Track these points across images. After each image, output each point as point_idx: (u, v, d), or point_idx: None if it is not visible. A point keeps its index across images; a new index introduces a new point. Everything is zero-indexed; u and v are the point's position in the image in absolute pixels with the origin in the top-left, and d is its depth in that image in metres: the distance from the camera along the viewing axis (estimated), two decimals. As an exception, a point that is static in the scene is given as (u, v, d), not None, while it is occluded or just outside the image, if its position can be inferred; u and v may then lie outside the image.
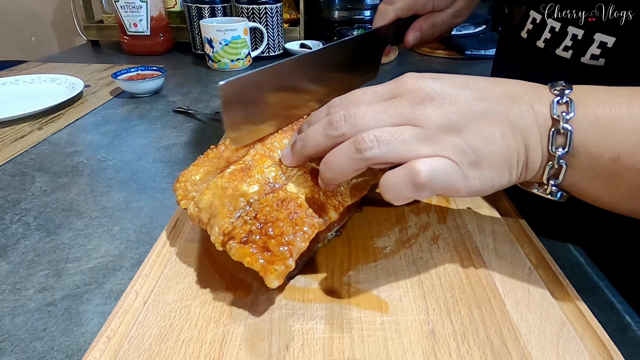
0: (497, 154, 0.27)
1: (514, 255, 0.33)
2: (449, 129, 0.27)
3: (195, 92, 0.79)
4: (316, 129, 0.29)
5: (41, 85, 0.78)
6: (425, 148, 0.26)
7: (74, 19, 1.44)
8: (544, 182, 0.29)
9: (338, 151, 0.28)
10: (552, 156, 0.28)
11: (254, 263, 0.27)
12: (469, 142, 0.27)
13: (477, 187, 0.28)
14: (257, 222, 0.28)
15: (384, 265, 0.33)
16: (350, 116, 0.28)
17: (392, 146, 0.26)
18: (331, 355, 0.26)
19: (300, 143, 0.30)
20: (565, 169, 0.28)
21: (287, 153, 0.32)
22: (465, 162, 0.27)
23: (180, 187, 0.33)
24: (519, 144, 0.28)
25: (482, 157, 0.27)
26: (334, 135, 0.28)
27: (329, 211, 0.30)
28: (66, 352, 0.28)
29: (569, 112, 0.27)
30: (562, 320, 0.28)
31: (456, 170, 0.27)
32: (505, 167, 0.28)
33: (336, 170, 0.28)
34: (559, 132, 0.27)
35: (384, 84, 0.30)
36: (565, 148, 0.27)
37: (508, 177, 0.29)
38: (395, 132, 0.27)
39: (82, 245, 0.38)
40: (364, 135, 0.26)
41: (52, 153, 0.56)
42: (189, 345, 0.26)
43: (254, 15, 0.95)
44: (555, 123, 0.27)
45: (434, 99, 0.27)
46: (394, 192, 0.26)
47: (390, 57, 1.01)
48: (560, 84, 0.29)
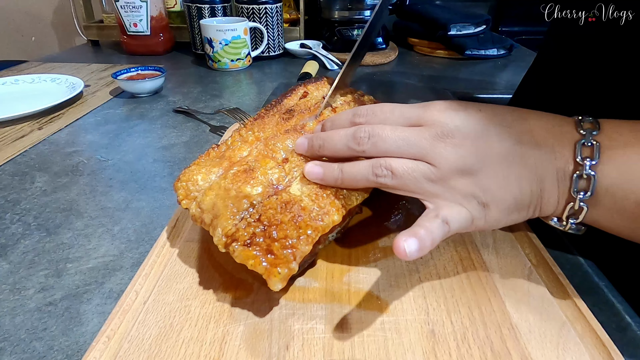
0: (508, 198, 0.28)
1: (514, 255, 0.33)
2: (463, 172, 0.27)
3: (195, 92, 0.79)
4: (339, 137, 0.31)
5: (41, 85, 0.78)
6: (433, 188, 0.28)
7: (74, 19, 1.44)
8: (562, 220, 0.30)
9: (356, 167, 0.29)
10: (572, 198, 0.28)
11: (257, 266, 0.27)
12: (481, 185, 0.27)
13: (481, 226, 0.29)
14: (261, 224, 0.28)
15: (384, 265, 0.33)
16: (374, 136, 0.29)
17: (404, 180, 0.28)
18: (331, 355, 0.26)
19: (319, 142, 0.31)
20: (586, 211, 0.28)
21: (303, 144, 0.33)
22: (474, 203, 0.28)
23: (182, 187, 0.33)
24: (534, 188, 0.28)
25: (492, 199, 0.28)
26: (355, 149, 0.30)
27: (333, 214, 0.30)
28: (66, 352, 0.28)
29: (593, 157, 0.27)
30: (562, 320, 0.28)
31: (465, 214, 0.28)
32: (514, 209, 0.28)
33: (349, 180, 0.30)
34: (581, 177, 0.27)
35: (412, 106, 0.31)
36: (588, 192, 0.27)
37: (516, 217, 0.29)
38: (410, 167, 0.28)
39: (82, 245, 0.38)
40: (382, 162, 0.28)
41: (52, 153, 0.56)
42: (189, 345, 0.26)
43: (254, 15, 0.95)
44: (578, 167, 0.27)
45: (455, 137, 0.28)
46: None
47: (390, 57, 1.01)
48: (588, 120, 0.28)
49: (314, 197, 0.30)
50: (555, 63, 0.48)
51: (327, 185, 0.31)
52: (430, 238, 0.26)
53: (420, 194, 0.28)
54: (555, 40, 0.49)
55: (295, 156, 0.33)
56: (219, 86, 0.82)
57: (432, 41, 1.05)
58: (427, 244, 0.25)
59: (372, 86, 0.85)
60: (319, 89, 0.44)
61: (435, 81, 0.88)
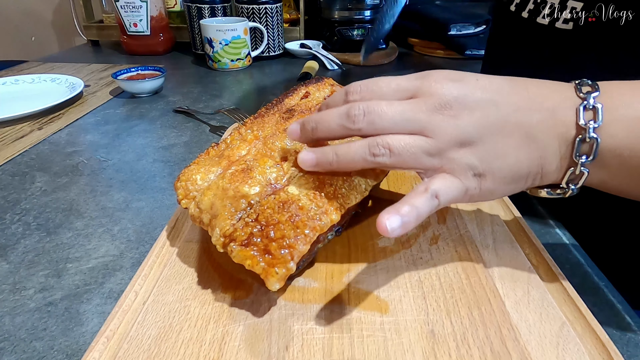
0: (504, 168, 0.27)
1: (514, 255, 0.33)
2: (461, 143, 0.27)
3: (195, 92, 0.79)
4: (332, 116, 0.29)
5: (41, 85, 0.79)
6: (432, 161, 0.27)
7: (74, 19, 1.44)
8: (562, 186, 0.29)
9: (352, 148, 0.28)
10: (574, 163, 0.27)
11: (255, 266, 0.27)
12: (479, 155, 0.27)
13: (476, 196, 0.28)
14: (259, 224, 0.28)
15: (384, 265, 0.33)
16: (370, 112, 0.28)
17: (402, 157, 0.27)
18: (331, 356, 0.26)
19: (312, 124, 0.30)
20: (586, 175, 0.27)
21: (295, 130, 0.31)
22: (469, 175, 0.27)
23: (181, 186, 0.33)
24: (533, 155, 0.27)
25: (487, 169, 0.27)
26: (351, 127, 0.28)
27: (331, 213, 0.30)
28: (66, 352, 0.28)
29: (596, 119, 0.26)
30: (562, 320, 0.28)
31: (458, 186, 0.27)
32: (511, 180, 0.28)
33: (346, 163, 0.28)
34: (584, 141, 0.26)
35: (408, 78, 0.30)
36: (590, 156, 0.26)
37: (513, 187, 0.28)
38: (408, 143, 0.27)
39: (82, 245, 0.38)
40: (379, 140, 0.27)
41: (52, 153, 0.56)
42: (189, 346, 0.26)
43: (254, 15, 0.95)
44: (581, 131, 0.26)
45: (452, 108, 0.27)
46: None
47: (390, 57, 1.01)
48: (586, 83, 0.28)
49: (312, 196, 0.30)
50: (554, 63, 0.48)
51: (323, 171, 0.30)
52: (414, 214, 0.25)
53: (419, 168, 0.28)
54: (500, 39, 0.52)
55: (294, 154, 0.33)
56: (219, 86, 0.82)
57: (432, 41, 1.05)
58: (411, 219, 0.25)
59: (372, 86, 0.85)
60: (320, 90, 0.44)
61: (436, 81, 0.87)
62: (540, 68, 0.42)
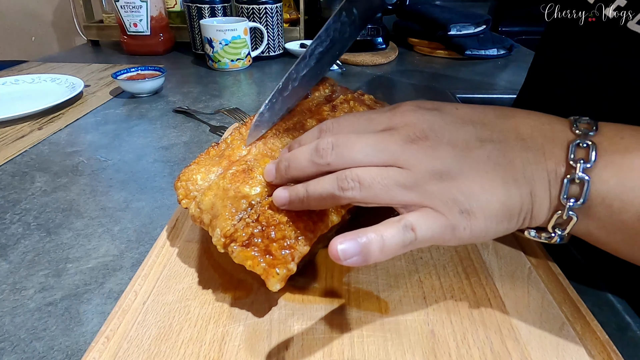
0: (494, 203, 0.24)
1: (514, 256, 0.33)
2: (440, 176, 0.24)
3: (195, 92, 0.79)
4: (302, 153, 0.28)
5: (41, 85, 0.78)
6: (408, 195, 0.24)
7: (74, 19, 1.44)
8: (548, 230, 0.26)
9: (320, 184, 0.26)
10: (561, 206, 0.24)
11: (255, 266, 0.27)
12: (463, 190, 0.24)
13: (466, 238, 0.25)
14: (259, 224, 0.28)
15: (384, 266, 0.33)
16: (338, 145, 0.26)
17: (373, 191, 0.25)
18: (331, 356, 0.26)
19: (285, 163, 0.29)
20: (575, 221, 0.25)
21: (271, 170, 0.30)
22: (455, 211, 0.24)
23: (182, 186, 0.33)
24: (524, 192, 0.25)
25: (476, 206, 0.24)
26: (319, 163, 0.27)
27: (331, 214, 0.30)
28: (66, 352, 0.28)
29: (588, 159, 0.23)
30: (562, 321, 0.28)
31: (442, 222, 0.24)
32: (503, 217, 0.25)
33: (315, 200, 0.26)
34: (573, 182, 0.24)
35: (380, 111, 0.28)
36: (580, 199, 0.24)
37: (506, 226, 0.26)
38: (378, 174, 0.25)
39: (82, 245, 0.38)
40: (348, 173, 0.25)
41: (52, 153, 0.56)
42: (189, 346, 0.26)
43: (254, 15, 0.95)
44: (570, 170, 0.24)
45: (428, 138, 0.25)
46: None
47: (390, 57, 1.01)
48: (584, 120, 0.25)
49: None
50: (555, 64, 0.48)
51: (296, 209, 0.28)
52: (378, 244, 0.23)
53: (395, 203, 0.25)
54: (553, 40, 0.48)
55: None
56: (219, 86, 0.82)
57: (432, 41, 1.05)
58: (374, 249, 0.23)
59: (372, 86, 0.85)
60: (320, 90, 0.44)
61: (435, 81, 0.88)
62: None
